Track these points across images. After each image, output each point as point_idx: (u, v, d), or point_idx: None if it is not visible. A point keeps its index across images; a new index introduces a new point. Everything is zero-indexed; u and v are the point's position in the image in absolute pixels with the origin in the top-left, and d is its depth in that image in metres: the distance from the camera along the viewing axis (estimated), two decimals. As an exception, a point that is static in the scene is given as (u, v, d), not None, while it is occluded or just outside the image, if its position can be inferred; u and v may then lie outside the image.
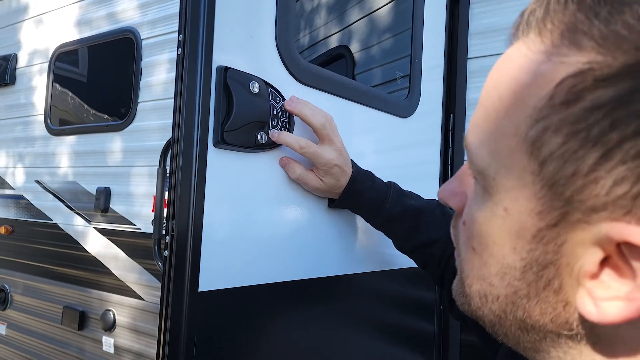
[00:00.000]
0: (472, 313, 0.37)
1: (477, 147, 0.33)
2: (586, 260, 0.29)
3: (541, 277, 0.31)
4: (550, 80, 0.28)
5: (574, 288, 0.30)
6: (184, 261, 0.69)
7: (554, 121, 0.28)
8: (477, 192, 0.35)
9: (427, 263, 0.91)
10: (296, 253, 0.88)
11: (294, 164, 0.85)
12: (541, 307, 0.32)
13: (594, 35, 0.27)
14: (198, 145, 0.70)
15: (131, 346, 1.68)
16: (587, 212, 0.28)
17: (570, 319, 0.31)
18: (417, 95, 1.26)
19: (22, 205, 2.11)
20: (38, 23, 2.14)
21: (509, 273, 0.33)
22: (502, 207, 0.32)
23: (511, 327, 0.34)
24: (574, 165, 0.27)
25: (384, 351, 1.15)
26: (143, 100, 1.72)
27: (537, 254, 0.31)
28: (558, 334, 0.32)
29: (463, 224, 0.37)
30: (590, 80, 0.26)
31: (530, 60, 0.29)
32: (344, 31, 1.50)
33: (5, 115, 2.23)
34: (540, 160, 0.29)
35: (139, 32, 1.74)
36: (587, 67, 0.27)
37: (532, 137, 0.29)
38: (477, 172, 0.33)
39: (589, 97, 0.26)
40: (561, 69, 0.28)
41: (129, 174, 1.73)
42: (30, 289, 2.01)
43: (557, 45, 0.28)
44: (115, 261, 1.75)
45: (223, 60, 0.74)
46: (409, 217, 0.90)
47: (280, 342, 0.87)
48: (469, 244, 0.36)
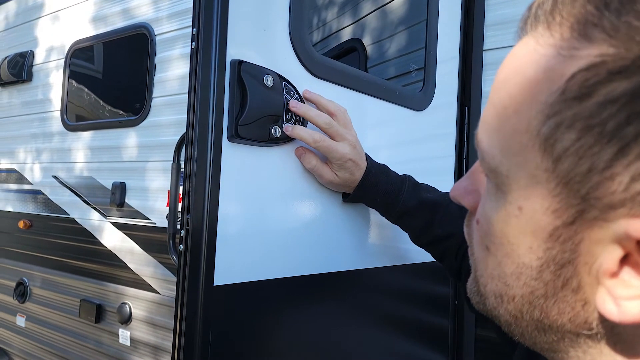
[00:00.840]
0: (487, 312, 0.37)
1: (488, 145, 0.32)
2: (605, 258, 0.28)
3: (559, 277, 0.30)
4: (562, 74, 0.27)
5: (593, 287, 0.29)
6: (199, 255, 0.69)
7: (567, 116, 0.27)
8: (489, 191, 0.34)
9: (444, 256, 0.91)
10: (310, 247, 0.88)
11: (310, 155, 0.85)
12: (559, 307, 0.31)
13: (605, 27, 0.26)
14: (212, 140, 0.70)
15: (147, 339, 1.70)
16: (604, 209, 0.27)
17: (590, 318, 0.30)
18: (431, 88, 1.24)
19: (40, 200, 2.14)
20: (54, 20, 2.16)
21: (525, 273, 0.32)
22: (516, 206, 0.31)
23: (528, 327, 0.34)
24: (590, 161, 0.27)
25: (399, 346, 1.15)
26: (157, 95, 1.73)
27: (554, 252, 0.30)
28: (577, 334, 0.32)
29: (476, 223, 0.37)
30: (604, 74, 0.26)
31: (540, 55, 0.29)
32: (357, 24, 1.49)
33: (23, 112, 2.26)
34: (555, 157, 0.28)
35: (152, 28, 1.74)
36: (599, 60, 0.26)
37: (545, 134, 0.28)
38: (489, 171, 0.33)
39: (602, 90, 0.26)
40: (572, 62, 0.27)
41: (144, 168, 1.75)
42: (49, 282, 2.04)
43: (567, 39, 0.27)
44: (131, 255, 1.76)
45: (237, 53, 0.73)
46: (425, 211, 0.89)
47: (294, 336, 0.87)
48: (482, 243, 0.35)
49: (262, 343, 0.80)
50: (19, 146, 2.26)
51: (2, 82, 2.33)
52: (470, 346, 1.39)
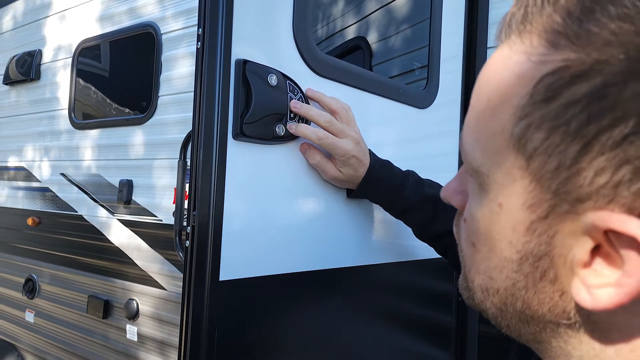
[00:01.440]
0: (476, 306, 0.39)
1: (470, 147, 0.35)
2: (578, 249, 0.30)
3: (537, 268, 0.32)
4: (531, 79, 0.29)
5: (569, 277, 0.31)
6: (205, 251, 0.71)
7: (536, 118, 0.29)
8: (474, 190, 0.36)
9: (447, 251, 0.93)
10: (314, 243, 0.90)
11: (314, 151, 0.87)
12: (539, 298, 0.33)
13: (568, 35, 0.28)
14: (218, 138, 0.72)
15: (154, 334, 1.72)
16: (573, 202, 0.29)
17: (567, 307, 0.32)
18: (435, 85, 1.25)
19: (48, 197, 2.17)
20: (61, 19, 2.18)
21: (507, 266, 0.34)
22: (497, 203, 0.33)
23: (512, 319, 0.36)
24: (558, 158, 0.29)
25: (402, 342, 1.16)
26: (163, 94, 1.74)
27: (532, 246, 0.32)
28: (557, 324, 0.33)
29: (464, 222, 0.39)
30: (567, 77, 0.28)
31: (513, 61, 0.31)
32: (361, 22, 1.50)
33: (31, 110, 2.28)
34: (527, 155, 0.30)
35: (159, 27, 1.76)
36: (563, 65, 0.28)
37: (517, 134, 0.30)
38: (472, 171, 0.35)
39: (566, 93, 0.28)
40: (540, 67, 0.29)
41: (151, 166, 1.76)
42: (57, 278, 2.07)
43: (536, 46, 0.30)
44: (138, 252, 1.78)
45: (242, 53, 0.75)
46: (428, 206, 0.91)
47: (298, 331, 0.88)
48: (469, 240, 0.37)
49: (266, 337, 0.82)
50: (28, 144, 2.29)
51: (10, 81, 2.35)
52: (473, 342, 1.40)
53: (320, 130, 0.84)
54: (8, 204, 2.39)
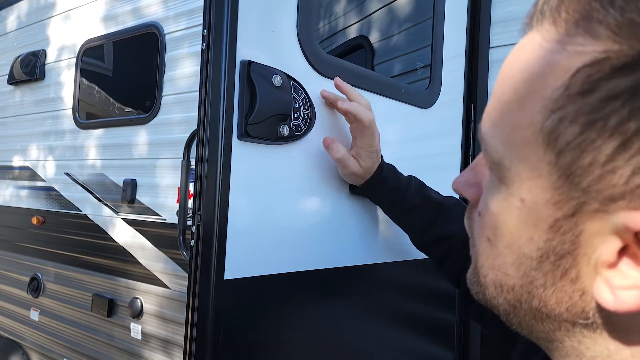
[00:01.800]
0: (486, 302, 0.38)
1: (491, 138, 0.33)
2: (604, 249, 0.29)
3: (558, 267, 0.31)
4: (566, 70, 0.28)
5: (591, 277, 0.30)
6: (210, 250, 0.72)
7: (570, 111, 0.28)
8: (492, 183, 0.35)
9: (445, 258, 0.91)
10: (318, 243, 0.90)
11: (339, 145, 0.87)
12: (557, 297, 0.32)
13: (609, 24, 0.26)
14: (223, 138, 0.72)
15: (158, 333, 1.72)
16: (604, 201, 0.28)
17: (587, 308, 0.31)
18: (437, 85, 1.26)
19: (52, 196, 2.18)
20: (65, 19, 2.19)
21: (525, 263, 0.33)
22: (519, 198, 0.32)
23: (525, 316, 0.35)
24: (591, 155, 0.27)
25: (405, 340, 1.17)
26: (167, 93, 1.75)
27: (554, 243, 0.31)
28: (573, 323, 0.33)
29: (478, 215, 0.37)
30: (607, 70, 0.26)
31: (545, 50, 0.29)
32: (363, 21, 1.50)
33: (35, 110, 2.30)
34: (557, 150, 0.29)
35: (162, 27, 1.77)
36: (603, 57, 0.26)
37: (548, 128, 0.29)
38: (493, 163, 0.34)
39: (605, 86, 0.26)
40: (577, 58, 0.27)
41: (154, 166, 1.77)
42: (62, 277, 2.08)
43: (572, 35, 0.28)
44: (142, 251, 1.79)
45: (246, 54, 0.75)
46: (430, 209, 0.91)
47: (301, 329, 0.89)
48: (483, 234, 0.36)
49: (270, 335, 0.83)
50: (32, 144, 2.30)
51: (15, 81, 2.36)
52: (476, 341, 1.41)
53: (372, 114, 0.86)
54: (13, 203, 2.40)
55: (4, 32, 2.55)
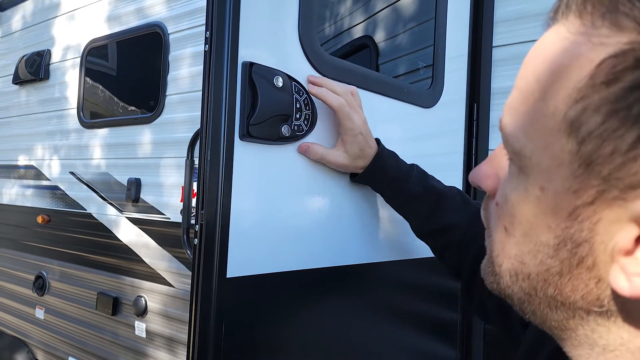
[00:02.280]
0: (500, 292, 0.38)
1: (513, 128, 0.34)
2: (622, 237, 0.29)
3: (575, 255, 0.32)
4: (591, 60, 0.29)
5: (607, 265, 0.31)
6: (213, 249, 0.72)
7: (594, 101, 0.28)
8: (512, 173, 0.36)
9: (445, 249, 0.91)
10: (320, 241, 0.91)
11: (315, 146, 0.88)
12: (573, 284, 0.33)
13: (635, 17, 0.27)
14: (225, 139, 0.73)
15: (162, 331, 1.74)
16: (624, 189, 0.28)
17: (602, 295, 0.32)
18: (440, 85, 1.26)
19: (57, 195, 2.19)
20: (70, 19, 2.20)
21: (542, 251, 0.33)
22: (539, 187, 0.33)
23: (540, 304, 0.35)
24: (613, 143, 0.28)
25: (407, 339, 1.17)
26: (170, 93, 1.76)
27: (572, 231, 0.31)
28: (588, 311, 0.33)
29: (495, 205, 0.38)
30: (631, 60, 0.27)
31: (570, 42, 0.30)
32: (368, 21, 1.50)
33: (40, 109, 2.31)
34: (579, 139, 0.29)
35: (166, 27, 1.78)
36: (628, 48, 0.27)
37: (571, 117, 0.29)
38: (513, 153, 0.34)
39: (629, 76, 0.27)
40: (602, 49, 0.28)
41: (158, 165, 1.78)
42: (67, 275, 2.10)
43: (598, 27, 0.29)
44: (146, 249, 1.80)
45: (248, 55, 0.76)
46: (431, 198, 0.91)
47: (304, 327, 0.90)
48: (501, 224, 0.37)
49: (273, 333, 0.83)
50: (37, 143, 2.31)
51: (20, 81, 2.38)
52: (479, 339, 1.41)
53: (340, 97, 0.86)
54: (18, 202, 2.42)
55: (9, 32, 2.57)
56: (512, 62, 1.37)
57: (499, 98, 1.39)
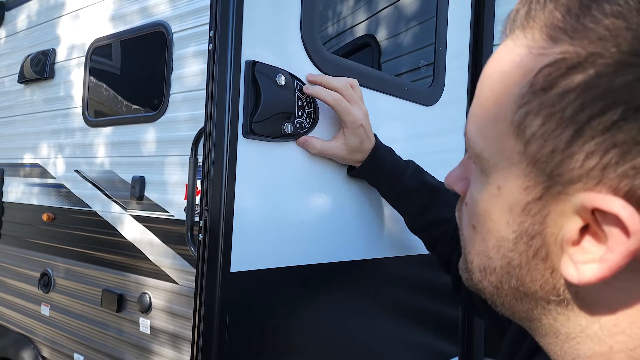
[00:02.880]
0: (474, 286, 0.41)
1: (473, 134, 0.37)
2: (568, 228, 0.32)
3: (530, 247, 0.34)
4: (531, 69, 0.32)
5: (559, 255, 0.33)
6: (217, 244, 0.74)
7: (534, 105, 0.31)
8: (475, 175, 0.39)
9: (438, 243, 0.94)
10: (322, 237, 0.92)
11: (313, 139, 0.90)
12: (531, 275, 0.35)
13: (567, 30, 0.30)
14: (229, 136, 0.75)
15: (167, 327, 1.75)
16: (565, 184, 0.31)
17: (557, 284, 0.35)
18: (441, 83, 1.27)
19: (62, 193, 2.21)
20: (74, 19, 2.22)
21: (503, 245, 0.36)
22: (496, 186, 0.35)
23: (507, 296, 0.38)
24: (553, 143, 0.31)
25: (408, 334, 1.19)
26: (174, 92, 1.77)
27: (526, 225, 0.34)
28: (547, 301, 0.36)
29: (465, 205, 0.41)
30: (564, 68, 0.30)
31: (515, 54, 0.33)
32: (370, 20, 1.51)
33: (45, 108, 2.33)
34: (525, 140, 0.32)
35: (170, 26, 1.79)
36: (560, 57, 0.30)
37: (517, 121, 0.33)
38: (475, 156, 0.37)
39: (562, 82, 0.30)
40: (540, 59, 0.31)
41: (162, 163, 1.79)
42: (72, 273, 2.11)
43: (537, 40, 0.32)
44: (151, 247, 1.82)
45: (251, 54, 0.77)
46: (426, 193, 0.93)
47: (307, 322, 0.91)
48: (469, 222, 0.40)
49: (276, 326, 0.85)
50: (42, 142, 2.33)
51: (25, 80, 2.39)
52: (479, 335, 1.42)
53: (336, 93, 0.87)
54: (23, 200, 2.44)
55: (15, 31, 2.58)
56: (513, 61, 1.37)
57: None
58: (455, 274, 0.89)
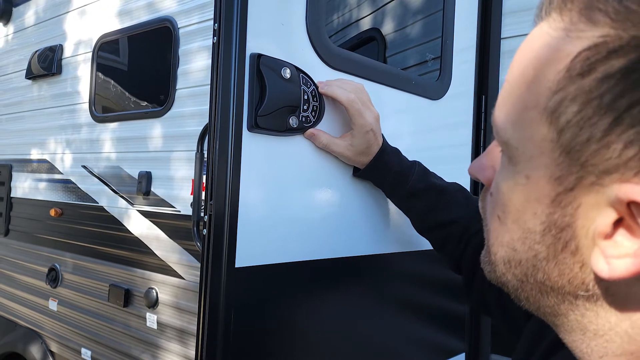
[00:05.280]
0: (497, 280, 0.40)
1: (502, 121, 0.36)
2: (600, 221, 0.31)
3: (559, 240, 0.33)
4: (568, 54, 0.30)
5: (589, 249, 0.32)
6: (222, 239, 0.74)
7: (571, 91, 0.30)
8: (502, 163, 0.37)
9: (445, 243, 0.93)
10: (327, 232, 0.92)
11: (321, 133, 0.89)
12: (559, 269, 0.34)
13: (608, 12, 0.29)
14: (233, 130, 0.74)
15: (173, 322, 1.76)
16: (600, 175, 0.30)
17: (587, 279, 0.33)
18: (448, 77, 1.26)
19: (70, 189, 2.22)
20: (81, 14, 2.22)
21: (530, 237, 0.35)
22: (524, 175, 0.34)
23: (532, 290, 0.37)
24: (589, 131, 0.29)
25: (415, 331, 1.18)
26: (180, 87, 1.77)
27: (556, 217, 0.33)
28: (575, 296, 0.34)
29: (490, 195, 0.40)
30: (604, 52, 0.29)
31: (551, 37, 0.32)
32: (375, 13, 1.50)
33: (53, 104, 2.34)
34: (559, 128, 0.31)
35: (176, 21, 1.79)
36: (600, 41, 0.29)
37: (551, 108, 0.31)
38: (502, 144, 0.36)
39: (601, 67, 0.29)
40: (578, 43, 0.30)
41: (169, 158, 1.80)
42: (79, 268, 2.12)
43: (575, 22, 0.30)
44: (157, 242, 1.82)
45: (256, 47, 0.77)
46: (432, 194, 0.92)
47: (312, 317, 0.91)
48: (494, 213, 0.38)
49: (281, 321, 0.84)
50: (50, 137, 2.34)
51: (33, 76, 2.40)
52: (486, 332, 1.41)
53: (351, 94, 0.87)
54: (31, 196, 2.46)
55: (22, 27, 2.59)
56: (522, 54, 1.36)
57: (508, 90, 1.38)
58: (467, 273, 0.88)
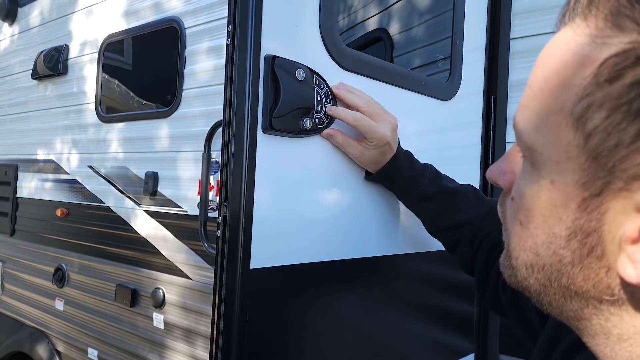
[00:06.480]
0: (518, 284, 0.40)
1: (525, 126, 0.36)
2: (628, 226, 0.31)
3: (585, 245, 0.33)
4: (595, 60, 0.30)
5: (616, 254, 0.32)
6: (237, 240, 0.74)
7: (598, 97, 0.30)
8: (525, 169, 0.37)
9: (458, 245, 0.93)
10: (340, 233, 0.92)
11: (336, 133, 0.89)
12: (584, 274, 0.34)
13: (635, 18, 0.29)
14: (248, 132, 0.74)
15: (180, 322, 1.76)
16: (628, 180, 0.30)
17: (612, 284, 0.33)
18: (458, 77, 1.25)
19: (76, 189, 2.22)
20: (87, 14, 2.22)
21: (555, 242, 0.35)
22: (549, 180, 0.34)
23: (555, 295, 0.37)
24: (617, 137, 0.29)
25: (424, 331, 1.18)
26: (187, 87, 1.77)
27: (582, 222, 0.33)
28: (600, 300, 0.34)
29: (511, 200, 0.40)
30: (632, 59, 0.29)
31: (576, 43, 0.32)
32: (382, 14, 1.50)
33: (59, 104, 2.34)
34: (586, 134, 0.31)
35: (182, 21, 1.78)
36: (629, 47, 0.29)
37: (577, 113, 0.31)
38: (525, 149, 0.36)
39: (630, 74, 0.29)
40: (605, 49, 0.30)
41: (176, 158, 1.80)
42: (86, 268, 2.13)
43: (602, 29, 0.30)
44: (164, 242, 1.82)
45: (270, 49, 0.77)
46: (444, 197, 0.92)
47: (326, 317, 0.91)
48: (516, 218, 0.38)
49: (295, 323, 0.84)
50: (56, 137, 2.34)
51: (38, 76, 2.41)
52: (495, 333, 1.41)
53: (357, 113, 0.87)
54: (37, 196, 2.46)
55: (28, 27, 2.60)
56: (530, 55, 1.36)
57: (517, 90, 1.38)
58: (480, 274, 0.88)
